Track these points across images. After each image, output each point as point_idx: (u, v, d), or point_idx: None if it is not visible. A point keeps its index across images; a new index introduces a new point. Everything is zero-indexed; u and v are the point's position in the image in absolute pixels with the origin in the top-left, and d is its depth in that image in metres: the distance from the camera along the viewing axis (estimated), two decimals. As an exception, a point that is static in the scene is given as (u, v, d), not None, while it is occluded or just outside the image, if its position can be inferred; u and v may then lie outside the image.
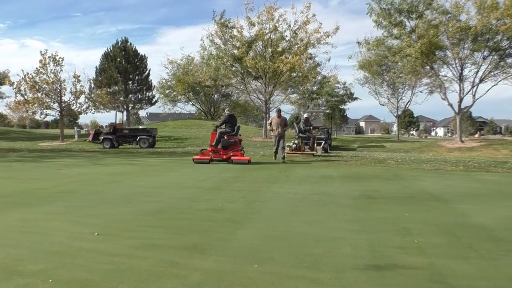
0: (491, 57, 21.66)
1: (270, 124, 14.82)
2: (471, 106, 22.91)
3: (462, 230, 4.98)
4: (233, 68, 27.60)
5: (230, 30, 26.21)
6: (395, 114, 35.40)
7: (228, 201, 6.74)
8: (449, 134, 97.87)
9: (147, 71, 49.29)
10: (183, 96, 49.66)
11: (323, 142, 20.44)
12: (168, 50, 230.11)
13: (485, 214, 5.94)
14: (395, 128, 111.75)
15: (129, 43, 48.05)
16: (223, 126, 14.27)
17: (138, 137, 23.72)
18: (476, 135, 66.45)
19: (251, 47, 26.54)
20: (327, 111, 30.41)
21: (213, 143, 13.96)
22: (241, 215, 5.66)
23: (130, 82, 47.51)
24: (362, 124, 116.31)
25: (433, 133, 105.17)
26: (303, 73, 27.89)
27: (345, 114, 79.13)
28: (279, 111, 15.05)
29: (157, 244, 4.21)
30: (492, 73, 22.09)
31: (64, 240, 4.36)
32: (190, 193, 7.56)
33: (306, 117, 18.94)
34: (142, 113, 70.77)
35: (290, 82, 29.46)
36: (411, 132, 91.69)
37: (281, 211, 5.99)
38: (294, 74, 28.28)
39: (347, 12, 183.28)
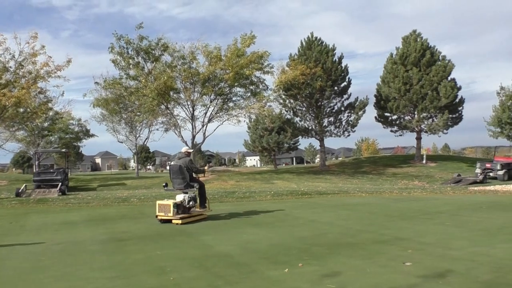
0: (216, 100, 24.92)
1: None
2: (202, 142, 25.62)
3: (209, 260, 5.51)
4: None
5: None
6: (134, 151, 35.99)
7: None
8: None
9: None
10: None
11: (60, 183, 19.09)
12: None
13: (225, 242, 6.74)
14: (132, 163, 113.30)
15: None
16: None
17: None
18: (206, 167, 73.72)
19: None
20: (63, 150, 28.37)
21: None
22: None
23: None
24: (98, 160, 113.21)
25: (168, 167, 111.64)
26: (32, 108, 25.25)
27: (80, 151, 75.36)
28: None
29: None
30: (218, 114, 25.40)
31: None
32: None
33: (188, 151, 10.27)
34: None
35: (16, 118, 26.16)
36: (148, 167, 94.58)
37: (21, 269, 5.27)
38: (22, 110, 25.34)
39: (80, 45, 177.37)
